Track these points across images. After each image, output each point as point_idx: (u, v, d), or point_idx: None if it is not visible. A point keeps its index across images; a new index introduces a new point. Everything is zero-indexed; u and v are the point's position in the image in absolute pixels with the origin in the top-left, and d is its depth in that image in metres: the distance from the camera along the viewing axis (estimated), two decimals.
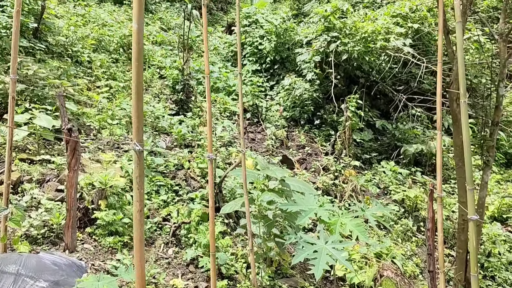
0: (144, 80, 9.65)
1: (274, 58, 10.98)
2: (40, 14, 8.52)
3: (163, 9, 14.19)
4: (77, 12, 11.37)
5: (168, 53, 11.08)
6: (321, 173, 8.00)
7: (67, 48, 9.27)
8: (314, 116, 9.98)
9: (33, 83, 6.80)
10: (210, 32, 13.43)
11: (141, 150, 1.63)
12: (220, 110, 9.32)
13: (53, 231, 4.37)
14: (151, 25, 12.62)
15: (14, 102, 3.40)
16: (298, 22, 12.94)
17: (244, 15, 11.75)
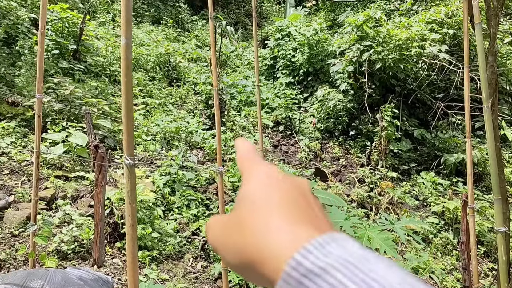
0: (179, 96, 9.84)
1: (307, 70, 10.92)
2: (79, 36, 8.88)
3: (199, 27, 14.48)
4: (116, 33, 11.79)
5: (202, 69, 11.26)
6: (356, 185, 7.81)
7: (105, 68, 9.61)
8: (349, 127, 9.80)
9: (70, 102, 7.07)
10: (245, 47, 13.56)
11: (132, 164, 1.62)
12: (254, 124, 9.33)
13: (83, 246, 4.47)
14: (187, 43, 12.89)
15: (40, 121, 3.52)
16: (333, 32, 12.85)
17: (276, 28, 11.79)
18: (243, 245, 0.37)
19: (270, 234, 0.35)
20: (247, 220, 0.38)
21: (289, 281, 0.32)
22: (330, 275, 0.31)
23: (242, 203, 0.40)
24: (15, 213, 4.58)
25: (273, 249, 0.35)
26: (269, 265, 0.34)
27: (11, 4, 8.42)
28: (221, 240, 0.40)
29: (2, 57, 7.67)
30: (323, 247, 0.33)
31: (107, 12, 12.93)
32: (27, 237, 4.27)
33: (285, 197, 0.39)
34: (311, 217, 0.38)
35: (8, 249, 4.08)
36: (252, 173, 0.43)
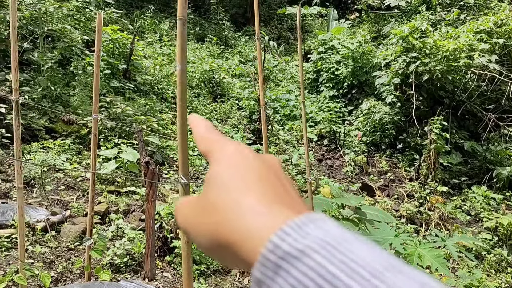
0: (223, 112, 10.00)
1: (352, 82, 10.83)
2: (128, 56, 9.24)
3: (242, 43, 14.71)
4: (163, 52, 12.17)
5: (246, 84, 11.40)
6: (404, 200, 7.62)
7: (153, 86, 9.93)
8: (396, 140, 9.61)
9: (121, 120, 7.35)
10: (288, 61, 13.63)
11: (186, 183, 1.68)
12: (297, 138, 9.32)
13: (135, 260, 4.60)
14: (231, 59, 13.12)
15: (96, 139, 3.69)
16: (377, 44, 12.71)
17: (319, 42, 11.79)
18: (216, 227, 0.35)
19: (245, 216, 0.34)
20: (219, 201, 0.36)
21: (267, 264, 0.31)
22: (309, 257, 0.30)
23: (212, 185, 0.38)
24: (71, 227, 4.78)
25: (248, 231, 0.33)
26: (245, 247, 0.33)
27: (65, 27, 8.89)
28: (192, 223, 0.39)
29: (58, 78, 8.09)
30: (301, 228, 0.32)
31: (154, 32, 13.39)
32: (82, 251, 4.45)
33: (257, 176, 0.38)
34: (285, 197, 0.37)
35: (64, 262, 4.27)
36: (220, 153, 0.41)
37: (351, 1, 16.84)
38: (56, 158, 6.19)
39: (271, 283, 0.31)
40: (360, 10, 15.11)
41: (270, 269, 0.31)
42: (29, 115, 6.90)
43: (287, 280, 0.30)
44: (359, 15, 15.75)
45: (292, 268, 0.30)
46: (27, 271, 3.07)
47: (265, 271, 0.31)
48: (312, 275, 0.29)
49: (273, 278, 0.31)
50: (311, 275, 0.29)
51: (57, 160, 6.16)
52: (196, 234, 0.38)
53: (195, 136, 0.45)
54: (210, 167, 0.40)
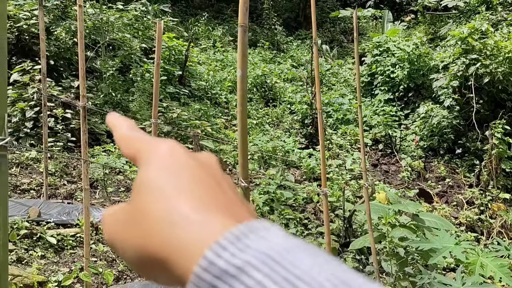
0: (276, 116, 10.05)
1: (408, 85, 10.54)
2: (184, 62, 9.51)
3: (294, 47, 14.71)
4: (216, 58, 12.42)
5: (298, 88, 11.39)
6: (464, 207, 7.31)
7: (207, 91, 10.15)
8: (455, 145, 9.24)
9: (177, 124, 7.57)
10: (340, 64, 13.49)
11: (246, 187, 1.72)
12: (351, 142, 9.20)
13: None
14: (283, 64, 13.16)
15: None
16: (434, 46, 12.31)
17: (374, 44, 11.58)
18: (144, 240, 0.31)
19: (176, 226, 0.30)
20: (148, 210, 0.32)
21: (201, 284, 0.27)
22: (248, 275, 0.27)
23: (141, 191, 0.33)
24: None
25: (180, 244, 0.29)
26: (177, 264, 0.29)
27: (125, 36, 9.29)
28: (118, 235, 0.34)
29: (118, 85, 8.47)
30: (239, 240, 0.28)
31: (208, 38, 13.68)
32: None
33: (192, 179, 0.33)
34: (224, 202, 0.33)
35: None
36: (149, 154, 0.36)
37: (406, 2, 16.41)
38: (117, 161, 6.47)
39: None
40: (415, 11, 14.70)
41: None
42: (92, 120, 7.25)
43: None
44: (414, 17, 15.32)
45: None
46: (92, 268, 3.24)
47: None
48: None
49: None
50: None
51: (117, 163, 6.43)
52: (123, 248, 0.33)
53: (117, 136, 0.40)
54: (139, 171, 0.35)
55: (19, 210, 4.62)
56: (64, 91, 7.34)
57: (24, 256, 4.04)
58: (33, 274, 3.62)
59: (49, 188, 5.36)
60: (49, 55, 6.95)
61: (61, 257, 4.25)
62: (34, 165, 6.14)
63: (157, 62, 3.79)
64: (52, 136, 6.36)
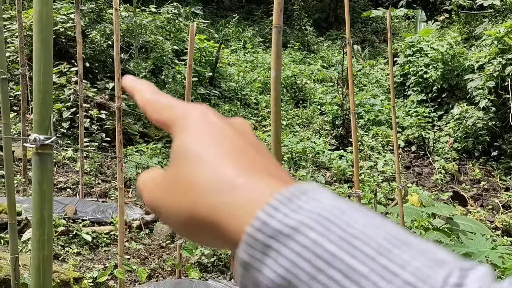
0: (306, 117, 10.00)
1: (442, 86, 10.31)
2: (214, 64, 9.59)
3: (325, 47, 14.62)
4: (246, 59, 12.47)
5: (328, 89, 11.31)
6: (500, 211, 7.09)
7: (237, 92, 10.20)
8: (491, 147, 8.97)
9: None
10: (372, 65, 13.32)
11: None
12: (382, 144, 9.06)
13: (221, 260, 4.75)
14: (313, 64, 13.10)
15: None
16: (469, 46, 11.99)
17: (407, 44, 11.38)
18: (192, 205, 0.31)
19: (224, 190, 0.30)
20: (192, 176, 0.32)
21: (254, 245, 0.27)
22: (303, 234, 0.26)
23: (182, 158, 0.33)
24: (163, 226, 5.05)
25: (230, 207, 0.29)
26: (228, 226, 0.29)
27: (158, 38, 9.44)
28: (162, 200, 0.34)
29: None
30: (291, 201, 0.28)
31: (238, 39, 13.76)
32: (173, 249, 4.68)
33: (232, 144, 0.33)
34: (265, 166, 0.33)
35: (157, 259, 4.52)
36: (183, 120, 0.35)
37: (440, 1, 16.06)
38: (149, 161, 6.59)
39: (260, 266, 0.27)
40: (449, 10, 14.36)
41: (258, 250, 0.27)
42: (126, 121, 7.40)
43: (279, 262, 0.26)
44: (448, 16, 14.97)
45: (283, 248, 0.26)
46: (126, 266, 3.30)
47: (252, 252, 0.27)
48: (307, 255, 0.26)
49: (262, 260, 0.27)
50: (306, 255, 0.26)
51: (149, 163, 6.54)
52: (168, 213, 0.34)
53: (141, 101, 0.39)
54: (176, 138, 0.35)
55: (56, 207, 4.76)
56: (99, 93, 7.52)
57: (60, 253, 4.17)
58: (69, 270, 3.72)
59: (85, 187, 5.51)
60: (84, 58, 7.14)
61: (95, 254, 4.36)
62: (70, 164, 6.32)
63: (189, 63, 3.84)
64: (88, 136, 6.53)
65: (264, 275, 0.27)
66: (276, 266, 0.26)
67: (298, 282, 0.26)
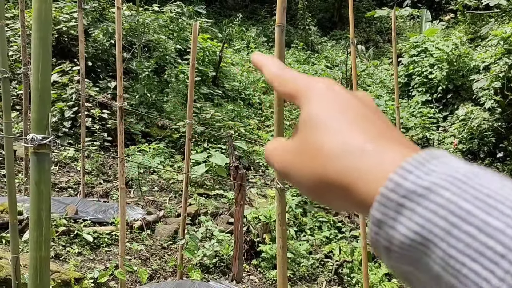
0: None
1: (447, 86, 10.25)
2: (217, 63, 9.56)
3: (329, 47, 14.57)
4: (250, 58, 12.42)
5: None
6: None
7: (240, 92, 10.17)
8: (496, 149, 8.91)
9: (210, 125, 7.61)
10: (376, 65, 13.26)
11: (282, 188, 1.68)
12: None
13: (223, 261, 4.71)
14: (317, 64, 13.05)
15: (190, 144, 3.85)
16: (474, 46, 11.92)
17: (411, 44, 11.32)
18: (323, 169, 0.33)
19: (354, 155, 0.32)
20: (321, 143, 0.34)
21: (387, 204, 0.29)
22: (437, 194, 0.27)
23: (310, 127, 0.36)
24: (164, 227, 5.03)
25: (361, 171, 0.31)
26: (359, 188, 0.31)
27: (161, 37, 9.42)
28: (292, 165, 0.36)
29: (153, 85, 8.58)
30: (423, 165, 0.29)
31: (242, 39, 13.72)
32: (175, 250, 4.65)
33: (357, 113, 0.35)
34: (391, 134, 0.34)
35: (158, 260, 4.49)
36: (310, 92, 0.38)
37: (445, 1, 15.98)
38: (151, 161, 6.55)
39: (394, 223, 0.28)
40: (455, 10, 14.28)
41: (391, 208, 0.29)
42: (128, 120, 7.37)
43: (413, 219, 0.28)
44: (454, 16, 14.89)
45: (418, 206, 0.28)
46: (127, 266, 3.27)
47: (386, 211, 0.29)
48: (442, 213, 0.27)
49: (395, 217, 0.28)
50: (441, 213, 0.27)
51: (151, 163, 6.51)
52: (298, 177, 0.36)
53: (270, 75, 0.42)
54: (303, 108, 0.37)
55: (57, 207, 4.73)
56: (101, 92, 7.50)
57: (61, 253, 4.14)
58: (70, 270, 3.69)
59: (86, 187, 5.48)
60: (87, 57, 7.12)
61: (96, 254, 4.33)
62: (71, 163, 6.30)
63: (192, 63, 3.80)
64: (89, 135, 6.50)
65: (398, 231, 0.28)
66: (410, 223, 0.28)
67: (433, 237, 0.27)
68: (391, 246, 0.29)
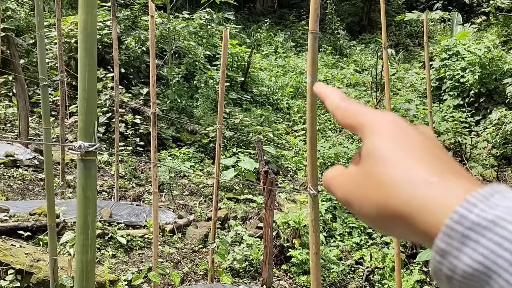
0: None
1: (479, 90, 10.01)
2: (246, 69, 9.63)
3: (358, 51, 14.46)
4: (278, 63, 12.46)
5: (361, 94, 11.17)
6: None
7: (269, 97, 10.20)
8: None
9: (239, 130, 7.67)
10: (406, 69, 13.08)
11: (315, 194, 1.70)
12: None
13: (253, 266, 4.74)
14: (346, 68, 12.97)
15: (220, 149, 3.90)
16: (507, 49, 11.61)
17: (442, 48, 11.12)
18: (386, 200, 0.34)
19: (419, 187, 0.33)
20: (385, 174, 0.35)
21: (452, 235, 0.30)
22: (501, 227, 0.29)
23: (373, 159, 0.37)
24: (195, 230, 5.09)
25: (426, 202, 0.32)
26: (423, 219, 0.32)
27: (191, 44, 9.56)
28: (355, 195, 0.38)
29: (183, 91, 8.72)
30: (487, 199, 0.30)
31: (270, 44, 13.77)
32: (205, 253, 4.71)
33: (421, 147, 0.36)
34: (454, 168, 0.35)
35: (189, 263, 4.55)
36: (374, 125, 0.38)
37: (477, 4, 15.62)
38: (182, 165, 6.65)
39: (458, 254, 0.30)
40: (487, 13, 13.94)
41: (456, 239, 0.30)
42: (159, 125, 7.51)
43: (477, 250, 0.29)
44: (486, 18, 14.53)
45: (482, 238, 0.29)
46: (160, 269, 3.34)
47: (451, 241, 0.30)
48: (506, 245, 0.28)
49: (460, 248, 0.30)
50: (505, 245, 0.28)
51: (182, 167, 6.61)
52: (361, 206, 0.37)
53: (332, 106, 0.43)
54: (366, 140, 0.38)
55: None
56: (133, 98, 7.67)
57: (96, 255, 4.25)
58: (104, 272, 3.79)
59: (119, 190, 5.61)
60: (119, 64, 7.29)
61: (130, 257, 4.43)
62: (106, 168, 6.46)
63: (222, 69, 3.86)
64: (122, 140, 6.65)
65: (462, 261, 0.30)
66: (475, 254, 0.29)
67: (497, 268, 0.28)
68: (454, 275, 0.30)
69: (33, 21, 8.70)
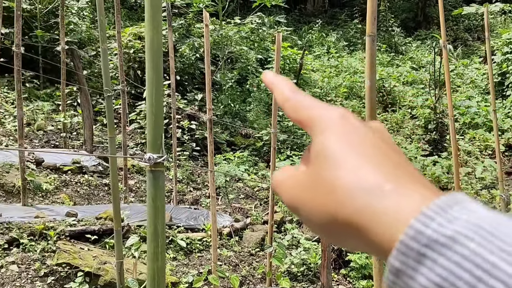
0: (395, 122, 9.65)
1: None
2: (298, 71, 9.61)
3: (414, 48, 14.03)
4: (331, 64, 12.33)
5: (419, 92, 10.82)
6: None
7: (322, 98, 10.11)
8: None
9: (292, 133, 7.67)
10: (466, 64, 12.53)
11: None
12: (480, 148, 8.47)
13: (310, 270, 4.72)
14: (402, 66, 12.62)
15: (275, 152, 3.92)
16: None
17: (504, 41, 10.56)
18: (335, 206, 0.31)
19: (372, 195, 0.30)
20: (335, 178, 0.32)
21: (408, 253, 0.27)
22: (461, 244, 0.26)
23: (322, 160, 0.33)
24: (251, 234, 5.14)
25: (379, 213, 0.29)
26: (376, 231, 0.29)
27: (242, 49, 9.68)
28: (302, 199, 0.34)
29: (236, 95, 8.84)
30: (445, 211, 0.27)
31: (322, 45, 13.66)
32: (262, 257, 4.74)
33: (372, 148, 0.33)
34: (409, 172, 0.32)
35: (247, 267, 4.60)
36: (323, 122, 0.35)
37: None
38: (236, 169, 6.75)
39: (413, 274, 0.27)
40: None
41: (411, 258, 0.27)
42: (213, 130, 7.66)
43: (434, 270, 0.26)
44: None
45: (440, 257, 0.26)
46: (219, 272, 3.40)
47: (406, 260, 0.27)
48: (467, 265, 0.25)
49: (415, 268, 0.27)
50: (465, 266, 0.25)
51: (237, 171, 6.70)
52: (308, 212, 0.34)
53: (280, 98, 0.39)
54: (314, 138, 0.35)
55: None
56: (188, 104, 7.87)
57: None
58: (166, 274, 3.91)
59: (178, 194, 5.77)
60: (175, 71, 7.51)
61: (190, 259, 4.54)
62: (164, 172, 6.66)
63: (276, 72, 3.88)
64: (179, 145, 6.85)
65: (417, 282, 0.27)
66: (432, 274, 0.26)
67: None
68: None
69: (94, 34, 9.15)
